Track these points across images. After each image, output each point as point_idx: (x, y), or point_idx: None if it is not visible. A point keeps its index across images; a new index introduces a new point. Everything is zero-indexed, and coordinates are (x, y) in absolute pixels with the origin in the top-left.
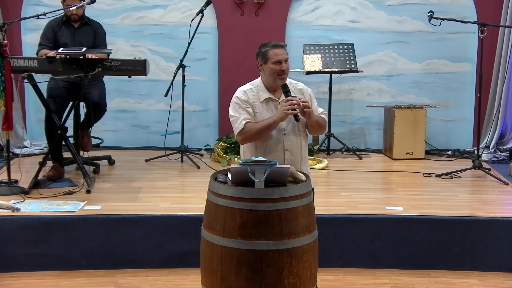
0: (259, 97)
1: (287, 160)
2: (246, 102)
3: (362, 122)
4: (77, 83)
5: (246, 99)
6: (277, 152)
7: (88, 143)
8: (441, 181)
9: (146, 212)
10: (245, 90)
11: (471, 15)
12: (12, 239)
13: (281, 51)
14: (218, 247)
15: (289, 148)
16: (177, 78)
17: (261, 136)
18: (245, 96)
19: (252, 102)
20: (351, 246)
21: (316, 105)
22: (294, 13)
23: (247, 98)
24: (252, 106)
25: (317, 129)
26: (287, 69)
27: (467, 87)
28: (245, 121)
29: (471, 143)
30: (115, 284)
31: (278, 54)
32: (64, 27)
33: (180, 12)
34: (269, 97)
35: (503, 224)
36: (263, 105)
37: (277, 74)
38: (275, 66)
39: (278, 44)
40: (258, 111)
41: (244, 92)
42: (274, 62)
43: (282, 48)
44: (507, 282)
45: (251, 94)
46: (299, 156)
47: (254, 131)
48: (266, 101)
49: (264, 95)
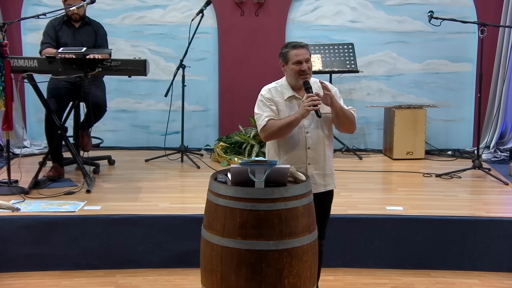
0: (283, 95)
1: (309, 158)
2: (270, 100)
3: (362, 122)
4: (77, 83)
5: (270, 97)
6: (299, 150)
7: (88, 143)
8: (441, 181)
9: (146, 212)
10: (270, 88)
11: (471, 15)
12: (12, 239)
13: (301, 51)
14: (218, 247)
15: (311, 146)
16: (177, 78)
17: (282, 133)
18: (269, 94)
19: (276, 100)
20: (351, 246)
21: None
22: (294, 13)
23: (271, 96)
24: (276, 104)
25: (344, 121)
26: (309, 69)
27: (467, 87)
28: (268, 118)
29: (471, 143)
30: (115, 284)
31: (298, 55)
32: (65, 27)
33: (180, 12)
34: (293, 95)
35: (503, 224)
36: (287, 103)
37: (298, 74)
38: (296, 66)
39: (298, 44)
40: (281, 109)
41: (268, 90)
42: (294, 62)
43: (302, 48)
44: (507, 282)
45: (275, 92)
46: (321, 155)
47: (276, 128)
48: (290, 99)
49: (288, 93)
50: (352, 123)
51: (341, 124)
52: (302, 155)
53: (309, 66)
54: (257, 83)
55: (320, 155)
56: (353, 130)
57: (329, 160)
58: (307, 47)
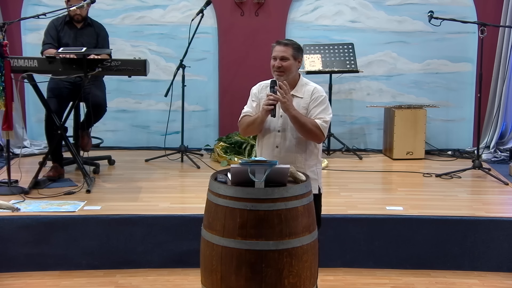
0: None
1: (275, 157)
2: (255, 95)
3: (362, 122)
4: (77, 83)
5: (256, 92)
6: (269, 149)
7: (88, 143)
8: (441, 181)
9: (146, 212)
10: (261, 84)
11: (471, 15)
12: (12, 239)
13: (279, 48)
14: (218, 247)
15: (279, 145)
16: (177, 78)
17: (250, 130)
18: (256, 89)
19: (260, 96)
20: (351, 246)
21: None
22: (294, 13)
23: (257, 91)
24: (260, 100)
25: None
26: (285, 67)
27: (467, 87)
28: (243, 114)
29: (471, 143)
30: (115, 284)
31: (275, 51)
32: (67, 27)
33: (180, 12)
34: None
35: (503, 224)
36: None
37: (273, 70)
38: (272, 61)
39: (281, 41)
40: None
41: (258, 85)
42: (272, 57)
43: (280, 45)
44: (507, 282)
45: (264, 88)
46: (292, 156)
47: (245, 125)
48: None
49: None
50: (310, 134)
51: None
52: (269, 154)
53: (284, 64)
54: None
55: (290, 155)
56: (316, 140)
57: (304, 162)
58: (292, 47)
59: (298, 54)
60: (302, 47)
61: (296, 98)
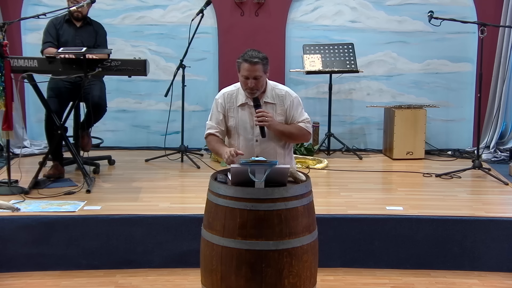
0: (237, 101)
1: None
2: (222, 106)
3: (362, 122)
4: (77, 83)
5: (222, 102)
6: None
7: (88, 143)
8: (441, 181)
9: (146, 212)
10: (225, 93)
11: (471, 15)
12: (12, 239)
13: (250, 67)
14: (218, 247)
15: (260, 154)
16: (177, 78)
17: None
18: (221, 99)
19: (227, 106)
20: (351, 246)
21: (298, 113)
22: (294, 13)
23: (223, 101)
24: (227, 110)
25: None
26: (258, 86)
27: (467, 87)
28: (209, 131)
29: (471, 143)
30: (115, 284)
31: (246, 70)
32: (66, 26)
33: (180, 12)
34: (246, 103)
35: (503, 224)
36: (239, 109)
37: (246, 88)
38: (243, 79)
39: (250, 59)
40: (232, 116)
41: (222, 95)
42: (242, 75)
43: (252, 65)
44: (507, 282)
45: (229, 97)
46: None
47: (210, 147)
48: (242, 106)
49: (242, 100)
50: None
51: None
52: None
53: (258, 83)
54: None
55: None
56: (305, 141)
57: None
58: (261, 63)
59: (266, 67)
60: (267, 56)
61: (268, 104)
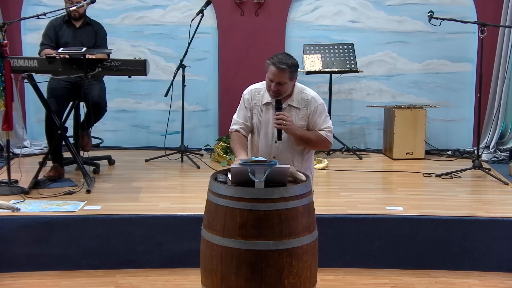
0: (262, 99)
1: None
2: (248, 102)
3: (362, 122)
4: (77, 83)
5: (248, 98)
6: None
7: (88, 143)
8: (441, 181)
9: (146, 212)
10: (253, 89)
11: (471, 15)
12: (12, 239)
13: (276, 72)
14: (218, 247)
15: (277, 155)
16: (177, 78)
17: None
18: (248, 95)
19: (253, 103)
20: (351, 246)
21: (321, 120)
22: (294, 13)
23: (249, 97)
24: (253, 107)
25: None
26: (281, 91)
27: (467, 87)
28: (234, 127)
29: (471, 143)
30: (115, 284)
31: (272, 73)
32: (66, 26)
33: (180, 12)
34: (271, 102)
35: (503, 224)
36: (263, 108)
37: (269, 90)
38: (268, 81)
39: (278, 65)
40: (256, 113)
41: (250, 91)
42: (268, 77)
43: (278, 70)
44: (507, 282)
45: (256, 94)
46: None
47: (231, 145)
48: (267, 105)
49: (268, 98)
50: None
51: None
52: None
53: (281, 89)
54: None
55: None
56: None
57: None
58: (289, 70)
59: (294, 75)
60: (297, 63)
61: (292, 108)
